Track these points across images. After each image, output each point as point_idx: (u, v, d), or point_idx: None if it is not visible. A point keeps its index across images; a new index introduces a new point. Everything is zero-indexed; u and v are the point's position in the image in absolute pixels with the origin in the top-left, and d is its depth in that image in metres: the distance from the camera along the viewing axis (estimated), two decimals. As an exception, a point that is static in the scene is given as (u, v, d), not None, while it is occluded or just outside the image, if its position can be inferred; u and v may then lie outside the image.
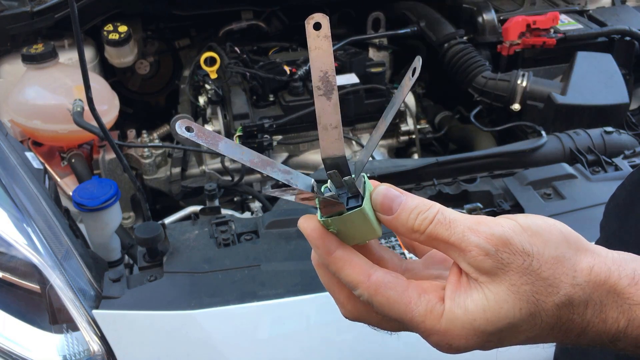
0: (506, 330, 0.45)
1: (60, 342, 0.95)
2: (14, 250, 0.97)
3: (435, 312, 0.46)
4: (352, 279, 0.48)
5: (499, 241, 0.45)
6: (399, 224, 0.48)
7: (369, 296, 0.47)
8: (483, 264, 0.45)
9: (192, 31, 2.19)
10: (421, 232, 0.47)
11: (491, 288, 0.45)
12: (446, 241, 0.46)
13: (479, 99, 1.81)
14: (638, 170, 0.72)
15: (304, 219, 0.49)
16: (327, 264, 0.49)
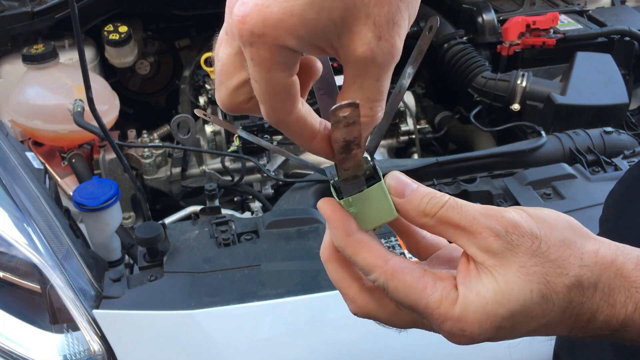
0: (518, 314, 0.44)
1: (60, 342, 0.95)
2: (15, 250, 0.97)
3: (450, 298, 0.45)
4: (369, 262, 0.47)
5: (509, 224, 0.45)
6: (410, 207, 0.48)
7: (385, 280, 0.46)
8: (493, 245, 0.45)
9: (193, 31, 2.19)
10: (432, 215, 0.47)
11: (500, 271, 0.45)
12: (457, 224, 0.46)
13: (478, 99, 1.81)
14: (637, 165, 0.72)
15: (323, 201, 0.49)
16: (343, 247, 0.48)
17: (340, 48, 0.40)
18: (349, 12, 0.39)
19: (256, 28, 0.38)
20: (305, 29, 0.38)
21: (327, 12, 0.38)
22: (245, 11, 0.38)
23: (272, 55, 0.39)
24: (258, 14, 0.38)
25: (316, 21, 0.38)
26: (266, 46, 0.39)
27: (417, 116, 1.96)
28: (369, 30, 0.39)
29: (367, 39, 0.39)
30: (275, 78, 0.40)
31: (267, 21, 0.38)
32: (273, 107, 0.42)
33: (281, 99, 0.42)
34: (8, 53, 1.77)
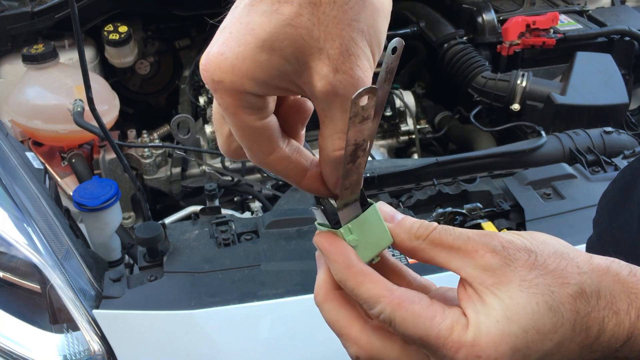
0: (531, 329, 0.43)
1: (60, 342, 0.95)
2: (15, 250, 0.97)
3: (461, 324, 0.43)
4: (374, 292, 0.45)
5: (503, 240, 0.45)
6: (401, 230, 0.48)
7: (392, 311, 0.44)
8: (490, 262, 0.44)
9: (193, 31, 2.20)
10: (424, 238, 0.47)
11: (502, 288, 0.44)
12: (450, 245, 0.45)
13: (478, 99, 1.81)
14: (629, 167, 0.72)
15: (319, 234, 0.48)
16: (345, 279, 0.46)
17: (304, 85, 0.41)
18: (300, 50, 0.39)
19: (215, 75, 0.39)
20: (261, 71, 0.39)
21: (278, 53, 0.39)
22: (205, 60, 0.40)
23: (234, 100, 0.40)
24: (214, 62, 0.39)
25: (270, 62, 0.39)
26: (227, 92, 0.40)
27: (417, 116, 1.96)
28: (324, 64, 0.39)
29: (323, 73, 0.39)
30: (243, 122, 0.41)
31: (222, 68, 0.39)
32: (250, 148, 0.43)
33: (255, 141, 0.42)
34: (8, 53, 1.77)
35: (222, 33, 0.40)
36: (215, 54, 0.39)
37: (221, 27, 0.41)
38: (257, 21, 0.38)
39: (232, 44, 0.39)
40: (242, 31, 0.39)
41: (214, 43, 0.40)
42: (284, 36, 0.38)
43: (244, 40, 0.39)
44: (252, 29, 0.38)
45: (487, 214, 1.22)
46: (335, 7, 0.39)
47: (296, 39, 0.38)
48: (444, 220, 1.23)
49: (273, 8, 0.38)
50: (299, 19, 0.38)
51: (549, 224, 1.15)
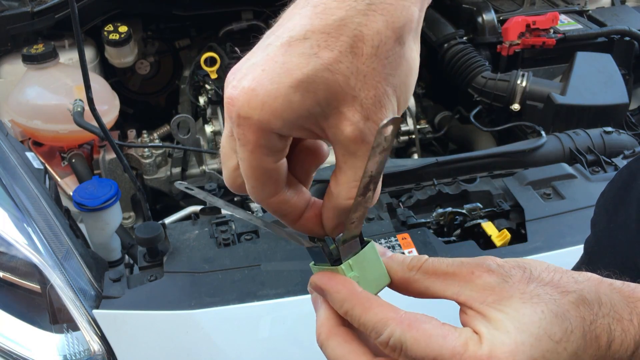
0: (543, 337, 0.42)
1: (60, 342, 0.95)
2: (15, 250, 0.97)
3: (475, 339, 0.42)
4: (382, 316, 0.43)
5: (497, 259, 0.46)
6: (395, 263, 0.48)
7: (402, 333, 0.42)
8: (488, 280, 0.44)
9: (192, 31, 2.20)
10: (417, 268, 0.47)
11: (504, 303, 0.43)
12: (445, 272, 0.45)
13: (478, 99, 1.81)
14: (627, 167, 0.72)
15: (317, 274, 0.47)
16: (351, 307, 0.44)
17: (329, 129, 0.41)
18: (334, 95, 0.39)
19: (242, 110, 0.39)
20: (291, 111, 0.39)
21: (311, 95, 0.39)
22: (234, 94, 0.39)
23: (256, 138, 0.40)
24: (244, 97, 0.39)
25: (301, 103, 0.39)
26: (251, 129, 0.40)
27: (417, 116, 1.96)
28: (356, 111, 0.40)
29: (355, 119, 0.40)
30: (257, 160, 0.41)
31: (252, 104, 0.39)
32: (254, 187, 0.43)
33: (262, 182, 0.42)
34: (8, 53, 1.77)
35: (253, 69, 0.40)
36: (246, 89, 0.39)
37: (251, 62, 0.40)
38: (294, 62, 0.39)
39: (264, 82, 0.39)
40: (277, 70, 0.39)
41: (243, 78, 0.40)
42: (320, 80, 0.39)
43: (278, 79, 0.39)
44: (288, 69, 0.39)
45: (487, 214, 1.22)
46: (375, 60, 0.39)
47: (332, 84, 0.39)
48: (444, 220, 1.23)
49: (312, 51, 0.39)
50: (338, 66, 0.39)
51: (549, 224, 1.15)
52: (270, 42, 0.40)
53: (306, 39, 0.39)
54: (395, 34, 0.40)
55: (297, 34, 0.39)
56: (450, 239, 1.21)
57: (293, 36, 0.39)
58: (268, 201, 0.44)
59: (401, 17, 0.40)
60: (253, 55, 0.41)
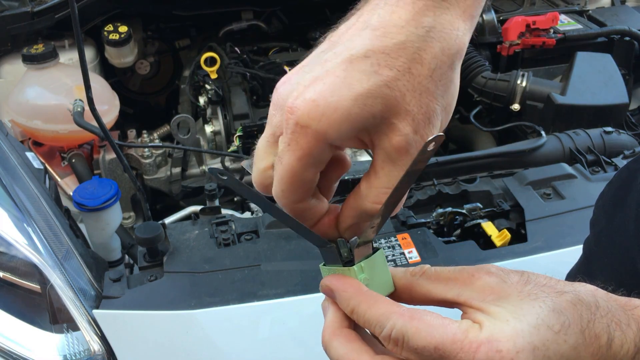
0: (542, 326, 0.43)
1: (60, 342, 0.95)
2: (15, 250, 0.97)
3: (476, 327, 0.43)
4: (385, 309, 0.45)
5: (496, 265, 0.47)
6: (398, 270, 0.50)
7: (403, 324, 0.44)
8: (488, 281, 0.46)
9: (192, 31, 2.20)
10: (420, 274, 0.48)
11: (502, 299, 0.45)
12: (446, 277, 0.47)
13: (478, 99, 1.81)
14: (626, 168, 0.72)
15: (328, 276, 0.49)
16: (357, 304, 0.47)
17: (377, 137, 0.44)
18: (389, 108, 0.43)
19: (301, 119, 0.42)
20: (348, 123, 0.42)
21: (369, 108, 0.42)
22: (295, 104, 0.43)
23: (309, 147, 0.43)
24: (305, 107, 0.42)
25: (358, 115, 0.42)
26: (307, 138, 0.43)
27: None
28: (408, 124, 0.43)
29: (405, 131, 0.43)
30: (302, 168, 0.44)
31: (312, 114, 0.42)
32: (285, 191, 0.46)
33: (295, 188, 0.45)
34: (8, 53, 1.77)
35: (314, 82, 0.43)
36: (308, 100, 0.42)
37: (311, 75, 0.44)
38: (355, 77, 0.42)
39: (326, 94, 0.42)
40: (339, 84, 0.42)
41: (305, 90, 0.43)
42: (378, 94, 0.42)
43: (339, 92, 0.42)
44: (349, 83, 0.42)
45: (487, 214, 1.22)
46: (430, 81, 0.43)
47: (389, 98, 0.43)
48: (444, 220, 1.23)
49: (373, 69, 0.42)
50: (396, 83, 0.42)
51: (549, 224, 1.15)
52: (328, 58, 0.44)
53: (367, 57, 0.42)
54: (449, 60, 0.44)
55: (357, 52, 0.43)
56: (450, 239, 1.21)
57: (354, 54, 0.43)
58: (293, 206, 0.47)
59: (455, 45, 0.44)
60: (310, 68, 0.45)
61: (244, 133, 1.66)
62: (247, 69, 1.83)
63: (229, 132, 1.78)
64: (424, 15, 0.43)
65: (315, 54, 0.46)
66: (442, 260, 1.07)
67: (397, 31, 0.43)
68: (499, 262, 1.07)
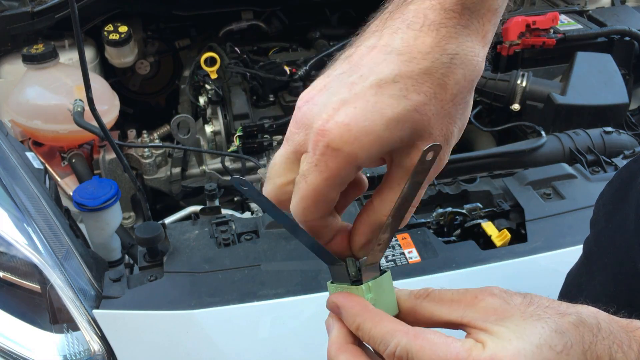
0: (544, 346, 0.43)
1: (60, 342, 0.95)
2: (14, 250, 0.97)
3: (478, 346, 0.44)
4: (390, 328, 0.46)
5: (499, 287, 0.48)
6: (403, 292, 0.51)
7: (408, 342, 0.44)
8: (491, 302, 0.46)
9: (192, 31, 2.20)
10: (424, 297, 0.49)
11: (505, 320, 0.45)
12: (450, 299, 0.48)
13: (478, 99, 1.81)
14: (626, 168, 0.72)
15: (334, 294, 0.51)
16: (362, 321, 0.48)
17: (399, 157, 0.46)
18: (416, 132, 0.44)
19: (333, 142, 0.43)
20: (378, 146, 0.44)
21: (399, 132, 0.44)
22: (327, 126, 0.43)
23: (338, 168, 0.44)
24: (338, 131, 0.43)
25: (389, 139, 0.44)
26: (337, 160, 0.44)
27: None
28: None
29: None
30: (327, 188, 0.45)
31: (345, 138, 0.43)
32: (306, 209, 0.47)
33: (317, 206, 0.46)
34: (8, 53, 1.77)
35: (344, 105, 0.43)
36: (340, 124, 0.43)
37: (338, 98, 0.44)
38: (385, 102, 0.43)
39: (358, 118, 0.43)
40: (370, 109, 0.43)
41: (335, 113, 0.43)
42: (408, 119, 0.43)
43: (371, 117, 0.43)
44: (380, 108, 0.43)
45: (487, 214, 1.22)
46: (452, 105, 0.45)
47: (418, 123, 0.44)
48: (444, 220, 1.23)
49: (402, 94, 0.43)
50: (424, 108, 0.44)
51: (549, 224, 1.15)
52: (355, 81, 0.44)
53: (395, 82, 0.43)
54: (469, 85, 0.46)
55: (386, 77, 0.43)
56: (450, 239, 1.21)
57: (382, 79, 0.43)
58: (310, 223, 0.48)
59: (475, 71, 0.46)
60: (335, 90, 0.45)
61: (244, 133, 1.66)
62: (247, 69, 1.83)
63: (229, 132, 1.78)
64: (448, 42, 0.44)
65: (337, 76, 0.46)
66: (442, 260, 1.07)
67: (422, 57, 0.43)
68: (499, 262, 1.07)
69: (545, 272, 1.07)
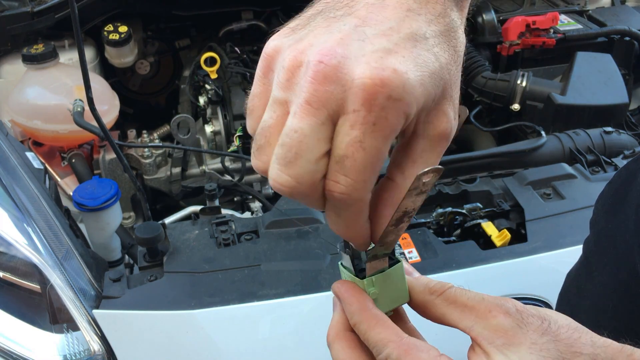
0: None
1: (60, 342, 0.95)
2: (15, 250, 0.97)
3: None
4: (384, 336, 0.45)
5: (517, 304, 0.45)
6: (418, 283, 0.49)
7: (398, 356, 0.43)
8: (502, 322, 0.44)
9: (193, 31, 2.20)
10: (439, 294, 0.48)
11: (512, 349, 0.43)
12: (464, 304, 0.46)
13: (478, 99, 1.81)
14: (625, 168, 0.72)
15: (339, 282, 0.49)
16: (359, 321, 0.46)
17: (424, 123, 0.43)
18: (443, 92, 0.43)
19: (395, 92, 0.38)
20: (425, 100, 0.41)
21: (435, 89, 0.41)
22: (386, 75, 0.38)
23: (398, 120, 0.39)
24: (400, 79, 0.38)
25: (430, 93, 0.41)
26: (397, 111, 0.39)
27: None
28: (451, 109, 0.44)
29: (451, 116, 0.43)
30: (386, 147, 0.40)
31: (407, 87, 0.39)
32: (365, 179, 0.40)
33: (376, 171, 0.41)
34: (8, 53, 1.77)
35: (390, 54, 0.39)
36: (400, 72, 0.38)
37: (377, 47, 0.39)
38: (426, 55, 0.41)
39: (411, 67, 0.39)
40: (416, 60, 0.40)
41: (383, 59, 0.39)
42: (442, 76, 0.42)
43: (420, 68, 0.40)
44: (424, 61, 0.40)
45: (487, 214, 1.22)
46: (459, 69, 0.44)
47: (447, 82, 0.42)
48: (444, 220, 1.23)
49: (435, 51, 0.42)
50: (451, 68, 0.43)
51: (549, 224, 1.15)
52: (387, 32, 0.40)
53: (426, 38, 0.41)
54: (463, 51, 0.45)
55: (417, 31, 0.41)
56: (450, 239, 1.21)
57: (415, 33, 0.41)
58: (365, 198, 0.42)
59: (463, 39, 0.45)
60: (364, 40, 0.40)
61: (244, 133, 1.66)
62: (247, 69, 1.83)
63: (229, 132, 1.78)
64: (451, 11, 0.44)
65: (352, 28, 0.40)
66: (442, 260, 1.07)
67: (437, 20, 0.42)
68: (499, 262, 1.07)
69: (545, 272, 1.07)
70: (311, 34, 0.41)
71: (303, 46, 0.40)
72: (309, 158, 0.40)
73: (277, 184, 0.41)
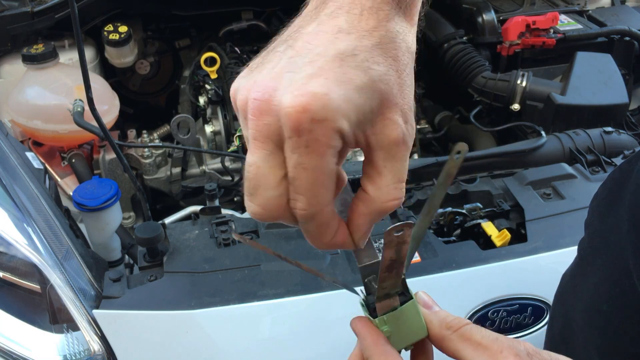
0: None
1: (60, 342, 0.95)
2: (14, 250, 0.97)
3: None
4: None
5: (529, 347, 0.47)
6: (435, 317, 0.51)
7: None
8: None
9: (193, 31, 2.20)
10: (455, 330, 0.49)
11: None
12: (479, 342, 0.48)
13: (478, 99, 1.81)
14: (619, 169, 0.72)
15: (356, 319, 0.52)
16: (370, 356, 0.49)
17: (373, 135, 0.44)
18: (384, 102, 0.44)
19: (318, 115, 0.41)
20: (355, 114, 0.42)
21: (369, 101, 0.43)
22: (305, 101, 0.41)
23: (328, 139, 0.41)
24: (320, 101, 0.41)
25: (362, 107, 0.42)
26: (325, 131, 0.41)
27: (417, 116, 1.96)
28: (399, 116, 0.44)
29: (399, 123, 0.44)
30: (327, 164, 0.42)
31: (328, 107, 0.41)
32: (317, 195, 0.43)
33: (326, 186, 0.44)
34: (8, 53, 1.77)
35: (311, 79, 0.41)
36: (319, 94, 0.41)
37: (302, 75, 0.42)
38: (352, 72, 0.42)
39: (333, 87, 0.41)
40: (340, 78, 0.42)
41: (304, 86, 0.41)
42: (376, 88, 0.43)
43: (344, 86, 0.42)
44: (350, 77, 0.42)
45: (487, 214, 1.22)
46: (405, 75, 0.46)
47: (384, 92, 0.43)
48: (444, 220, 1.23)
49: (365, 65, 0.43)
50: (387, 77, 0.44)
51: (549, 224, 1.15)
52: (314, 59, 0.43)
53: (355, 54, 0.43)
54: (411, 57, 0.46)
55: (345, 50, 0.43)
56: (450, 239, 1.21)
57: (342, 52, 0.43)
58: (324, 210, 0.45)
59: (412, 45, 0.47)
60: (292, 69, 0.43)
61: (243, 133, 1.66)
62: (247, 69, 1.83)
63: (229, 132, 1.77)
64: (388, 22, 0.45)
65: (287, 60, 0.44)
66: (442, 260, 1.07)
67: (370, 34, 0.44)
68: (499, 262, 1.07)
69: (545, 272, 1.07)
70: (258, 72, 0.44)
71: (250, 85, 0.44)
72: (267, 186, 0.44)
73: (250, 213, 0.46)
